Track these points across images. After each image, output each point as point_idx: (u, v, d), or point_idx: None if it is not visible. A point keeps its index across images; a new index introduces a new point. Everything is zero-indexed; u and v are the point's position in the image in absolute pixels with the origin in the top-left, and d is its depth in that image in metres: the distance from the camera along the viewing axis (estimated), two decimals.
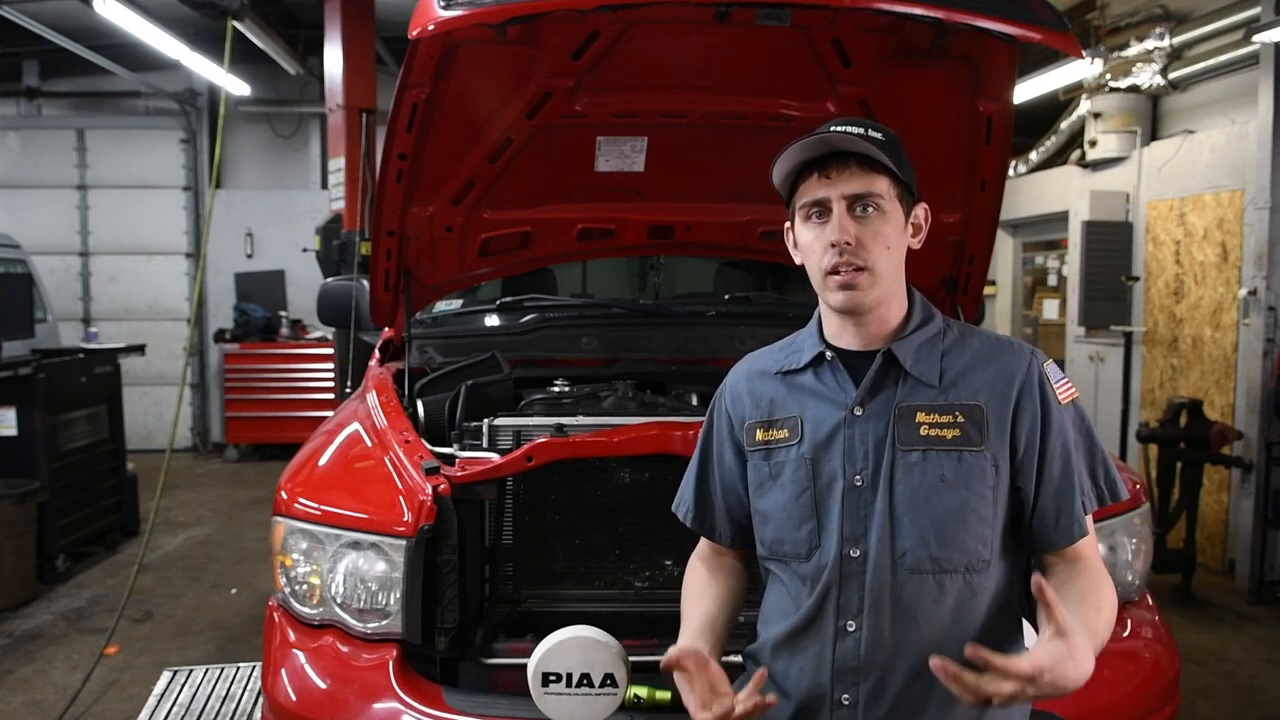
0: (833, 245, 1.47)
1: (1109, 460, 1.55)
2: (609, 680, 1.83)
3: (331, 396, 7.61)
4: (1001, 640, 1.49)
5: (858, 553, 1.48)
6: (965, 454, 1.46)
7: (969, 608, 1.46)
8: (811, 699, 1.50)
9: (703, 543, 1.77)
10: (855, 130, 1.48)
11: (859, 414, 1.51)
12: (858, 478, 1.49)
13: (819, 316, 1.61)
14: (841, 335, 1.56)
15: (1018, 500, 1.51)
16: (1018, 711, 1.53)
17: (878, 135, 1.48)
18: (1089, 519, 1.52)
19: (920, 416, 1.47)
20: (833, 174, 1.48)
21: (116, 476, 6.10)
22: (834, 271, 1.48)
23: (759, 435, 1.60)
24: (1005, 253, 8.59)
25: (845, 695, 1.48)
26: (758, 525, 1.61)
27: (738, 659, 2.02)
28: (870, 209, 1.48)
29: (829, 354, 1.56)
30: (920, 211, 1.57)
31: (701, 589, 1.69)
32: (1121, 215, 6.66)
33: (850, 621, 1.47)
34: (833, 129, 1.48)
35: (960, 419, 1.47)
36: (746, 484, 1.64)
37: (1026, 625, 1.60)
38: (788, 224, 1.58)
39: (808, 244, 1.52)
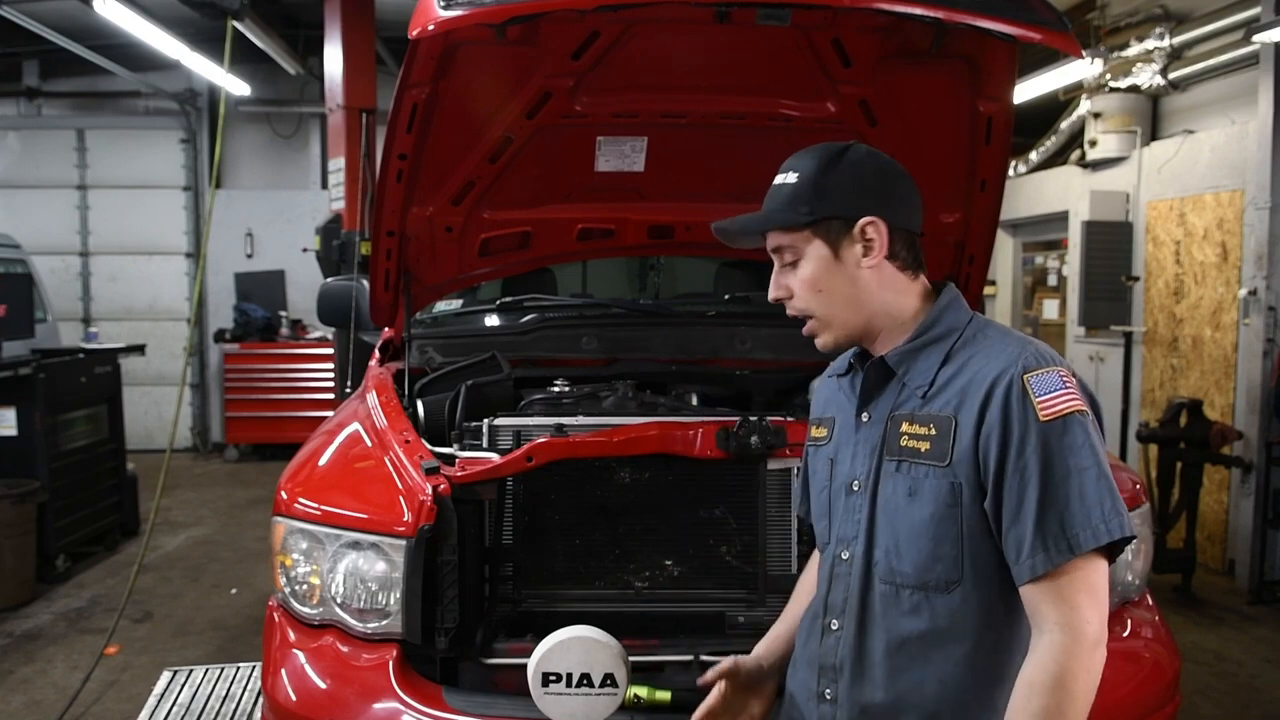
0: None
1: (1110, 490, 1.32)
2: (609, 680, 1.83)
3: (331, 396, 7.61)
4: (989, 663, 1.40)
5: (847, 555, 1.50)
6: (932, 469, 1.40)
7: (939, 628, 1.40)
8: (808, 686, 1.54)
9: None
10: (775, 182, 1.53)
11: (866, 420, 1.53)
12: (856, 482, 1.51)
13: None
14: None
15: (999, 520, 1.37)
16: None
17: (789, 180, 1.50)
18: (1088, 560, 1.32)
19: (904, 426, 1.45)
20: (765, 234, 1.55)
21: (116, 476, 6.10)
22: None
23: (812, 432, 1.68)
24: (1005, 253, 8.59)
25: (827, 690, 1.50)
26: None
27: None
28: (791, 261, 1.53)
29: (853, 360, 1.61)
30: (869, 228, 1.45)
31: (803, 589, 1.75)
32: (1121, 215, 6.66)
33: (834, 620, 1.50)
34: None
35: (932, 431, 1.41)
36: None
37: None
38: None
39: None
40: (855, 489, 1.51)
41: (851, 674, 1.47)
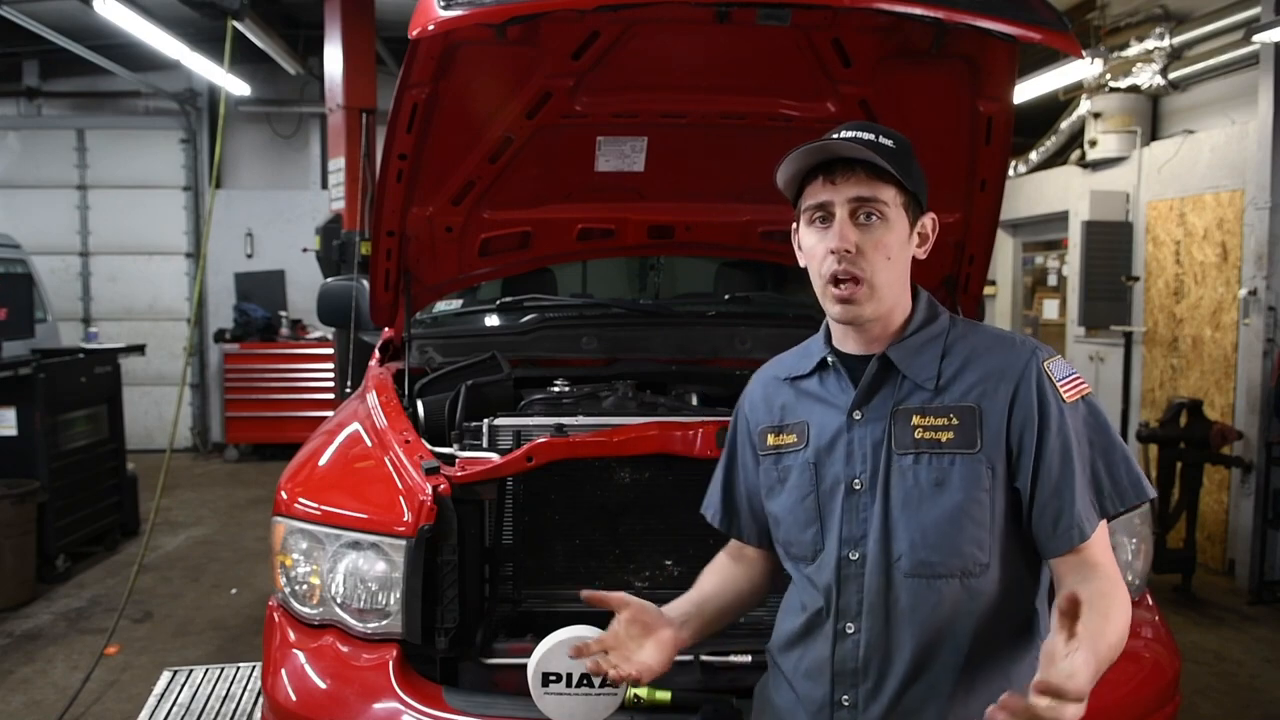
0: (832, 252, 1.46)
1: (1130, 458, 1.48)
2: (609, 680, 1.83)
3: (331, 396, 7.61)
4: (1007, 643, 1.48)
5: (856, 556, 1.49)
6: (959, 457, 1.44)
7: (967, 611, 1.45)
8: (814, 698, 1.52)
9: (731, 540, 1.79)
10: (865, 136, 1.46)
11: (858, 418, 1.51)
12: (856, 481, 1.50)
13: (828, 321, 1.61)
14: (845, 340, 1.57)
15: (1018, 501, 1.47)
16: None
17: (888, 143, 1.47)
18: (1103, 523, 1.46)
19: (915, 419, 1.47)
20: (838, 179, 1.46)
21: (116, 476, 6.10)
22: (834, 282, 1.47)
23: (770, 440, 1.62)
24: (1005, 253, 8.59)
25: (845, 696, 1.49)
26: (772, 527, 1.64)
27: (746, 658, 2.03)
28: (873, 216, 1.46)
29: (831, 359, 1.57)
30: (928, 221, 1.55)
31: (712, 571, 1.75)
32: (1121, 215, 6.66)
33: (849, 624, 1.49)
34: (843, 134, 1.47)
35: (954, 421, 1.45)
36: None
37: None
38: (794, 226, 1.58)
39: (810, 248, 1.51)
40: (857, 488, 1.49)
41: (879, 673, 1.46)
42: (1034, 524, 1.45)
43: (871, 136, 1.47)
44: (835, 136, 1.48)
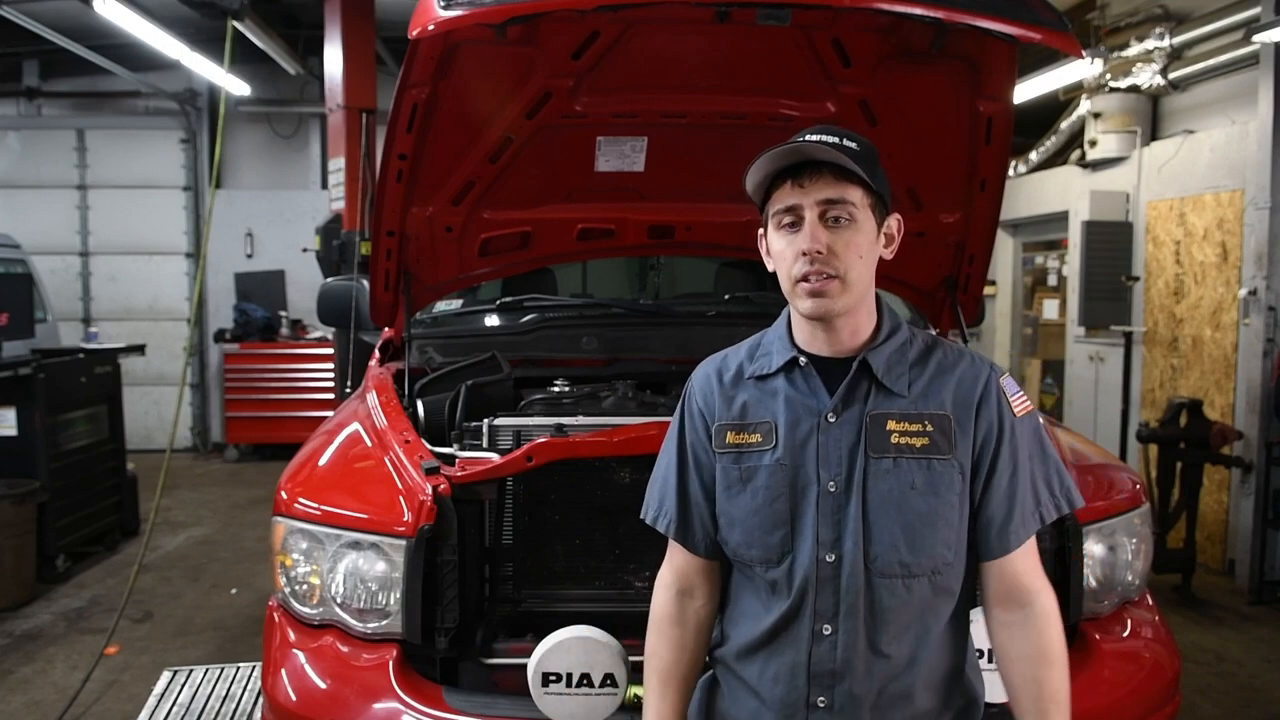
0: (804, 254, 1.47)
1: (1064, 471, 1.59)
2: (609, 680, 1.84)
3: (331, 396, 7.62)
4: (953, 633, 1.55)
5: (832, 557, 1.48)
6: (934, 462, 1.48)
7: (932, 607, 1.50)
8: (787, 703, 1.51)
9: (671, 568, 1.68)
10: (830, 139, 1.47)
11: (832, 420, 1.51)
12: (831, 484, 1.49)
13: (788, 320, 1.60)
14: (812, 342, 1.55)
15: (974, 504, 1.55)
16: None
17: (852, 145, 1.48)
18: (1032, 535, 1.54)
19: (891, 424, 1.49)
20: (806, 182, 1.47)
21: (116, 476, 6.10)
22: (804, 279, 1.48)
23: (730, 438, 1.58)
24: (1005, 253, 8.59)
25: (821, 698, 1.48)
26: (723, 527, 1.59)
27: None
28: (842, 218, 1.47)
29: (802, 360, 1.55)
30: (893, 222, 1.56)
31: (674, 663, 1.64)
32: (1121, 215, 6.66)
33: (826, 625, 1.48)
34: (807, 138, 1.48)
35: (929, 428, 1.49)
36: None
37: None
38: (761, 231, 1.58)
39: (779, 251, 1.51)
40: (832, 490, 1.49)
41: (860, 671, 1.47)
42: (979, 527, 1.53)
43: (836, 139, 1.48)
44: (801, 140, 1.49)
